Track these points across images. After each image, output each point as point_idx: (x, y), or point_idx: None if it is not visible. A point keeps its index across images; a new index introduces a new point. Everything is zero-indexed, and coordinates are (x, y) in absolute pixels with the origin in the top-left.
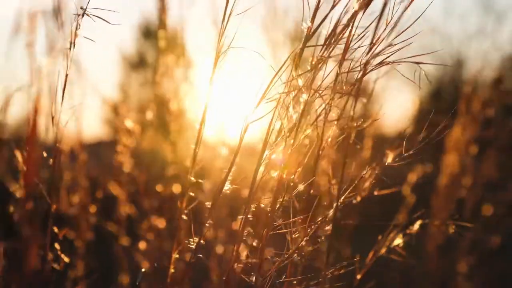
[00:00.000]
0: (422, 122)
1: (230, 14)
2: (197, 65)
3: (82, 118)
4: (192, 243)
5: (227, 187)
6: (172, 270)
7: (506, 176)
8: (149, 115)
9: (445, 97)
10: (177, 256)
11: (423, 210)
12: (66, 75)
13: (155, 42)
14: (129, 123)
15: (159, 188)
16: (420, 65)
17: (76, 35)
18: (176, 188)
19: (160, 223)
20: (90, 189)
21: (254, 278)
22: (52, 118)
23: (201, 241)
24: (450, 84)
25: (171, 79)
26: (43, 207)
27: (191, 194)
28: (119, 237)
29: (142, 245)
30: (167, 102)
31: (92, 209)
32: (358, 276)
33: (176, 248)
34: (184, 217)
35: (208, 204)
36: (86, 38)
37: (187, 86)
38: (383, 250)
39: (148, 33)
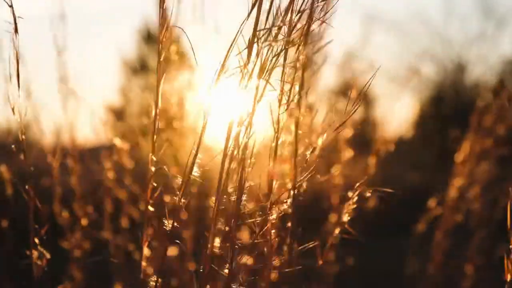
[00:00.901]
0: (423, 126)
1: None
2: (199, 68)
3: (80, 123)
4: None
5: (195, 172)
6: (144, 264)
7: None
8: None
9: (446, 102)
10: (147, 249)
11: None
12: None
13: (156, 46)
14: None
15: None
16: (421, 69)
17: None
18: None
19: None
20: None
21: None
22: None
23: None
24: (450, 89)
25: (172, 83)
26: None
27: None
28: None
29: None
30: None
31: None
32: None
33: (146, 239)
34: (150, 208)
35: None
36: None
37: (188, 90)
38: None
39: (149, 37)
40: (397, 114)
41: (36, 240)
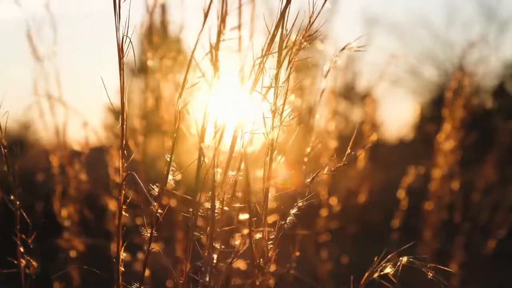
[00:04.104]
0: (423, 129)
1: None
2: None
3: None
4: (146, 234)
5: (170, 178)
6: (122, 269)
7: (503, 180)
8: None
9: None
10: (124, 255)
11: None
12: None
13: (156, 47)
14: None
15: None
16: (423, 72)
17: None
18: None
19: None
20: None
21: (206, 278)
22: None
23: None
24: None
25: (171, 82)
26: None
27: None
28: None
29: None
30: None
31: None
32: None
33: (122, 246)
34: (124, 213)
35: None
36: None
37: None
38: (375, 275)
39: (150, 38)
40: (398, 116)
41: (22, 249)
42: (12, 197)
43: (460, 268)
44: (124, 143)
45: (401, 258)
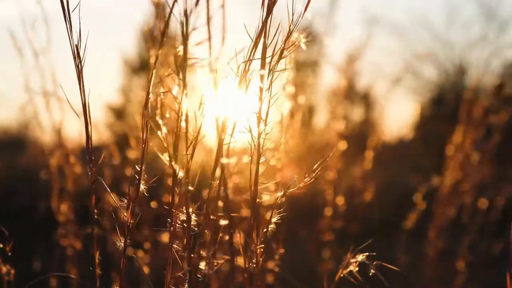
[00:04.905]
0: (423, 129)
1: None
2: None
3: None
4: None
5: (143, 186)
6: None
7: (503, 180)
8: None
9: (446, 104)
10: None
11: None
12: None
13: (157, 46)
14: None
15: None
16: (423, 71)
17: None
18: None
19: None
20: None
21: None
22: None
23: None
24: (452, 91)
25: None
26: None
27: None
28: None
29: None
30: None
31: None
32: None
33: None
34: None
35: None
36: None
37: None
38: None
39: (151, 36)
40: (398, 116)
41: None
42: None
43: (465, 268)
44: (90, 147)
45: (361, 255)
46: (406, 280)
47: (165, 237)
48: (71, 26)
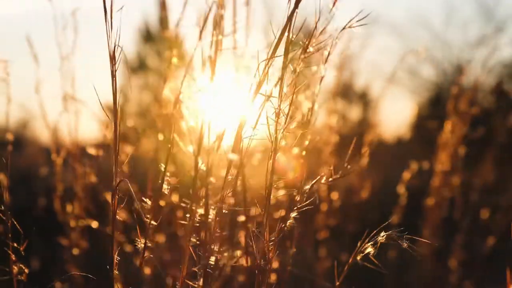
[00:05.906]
0: (420, 128)
1: None
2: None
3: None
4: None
5: (165, 187)
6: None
7: (502, 178)
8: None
9: (444, 104)
10: (118, 258)
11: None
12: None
13: (156, 45)
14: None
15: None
16: (420, 71)
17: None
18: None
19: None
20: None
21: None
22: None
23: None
24: (449, 91)
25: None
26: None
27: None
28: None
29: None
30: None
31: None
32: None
33: (116, 250)
34: (119, 217)
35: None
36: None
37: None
38: (358, 257)
39: (149, 36)
40: (395, 115)
41: (13, 257)
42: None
43: (459, 266)
44: (117, 148)
45: (381, 235)
46: (400, 278)
47: (180, 232)
48: (111, 27)
